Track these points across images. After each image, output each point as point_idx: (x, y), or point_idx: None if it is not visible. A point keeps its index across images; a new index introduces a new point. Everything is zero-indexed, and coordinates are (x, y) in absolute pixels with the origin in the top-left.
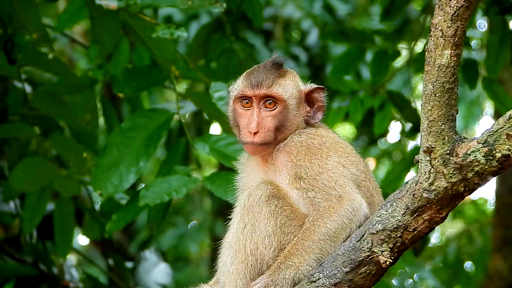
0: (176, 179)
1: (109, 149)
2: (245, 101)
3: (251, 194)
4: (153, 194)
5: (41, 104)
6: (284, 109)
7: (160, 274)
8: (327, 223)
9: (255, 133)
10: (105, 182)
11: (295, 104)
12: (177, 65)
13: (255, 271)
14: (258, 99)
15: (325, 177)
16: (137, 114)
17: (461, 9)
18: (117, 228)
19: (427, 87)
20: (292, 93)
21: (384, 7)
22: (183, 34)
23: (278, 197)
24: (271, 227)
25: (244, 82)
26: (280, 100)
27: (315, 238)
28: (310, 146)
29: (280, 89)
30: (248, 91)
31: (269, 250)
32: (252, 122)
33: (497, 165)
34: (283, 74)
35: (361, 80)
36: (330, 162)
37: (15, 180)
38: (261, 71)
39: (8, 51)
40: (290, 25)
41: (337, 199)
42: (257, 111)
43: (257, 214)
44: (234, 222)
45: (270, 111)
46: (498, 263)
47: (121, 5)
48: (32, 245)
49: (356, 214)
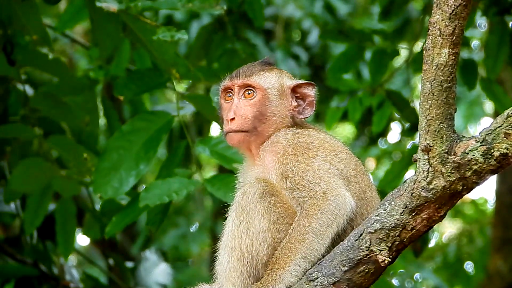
0: (177, 181)
1: (109, 153)
2: (228, 95)
3: (245, 192)
4: (153, 195)
5: (41, 105)
6: (263, 98)
7: (161, 274)
8: (312, 222)
9: (231, 120)
10: (105, 186)
11: (276, 95)
12: (177, 68)
13: (251, 268)
14: (238, 89)
15: (310, 175)
16: (137, 117)
17: (459, 8)
18: (117, 230)
19: (425, 86)
20: (272, 84)
21: (383, 7)
22: (184, 36)
23: (271, 194)
24: (265, 223)
25: (228, 76)
26: (259, 89)
27: (300, 238)
28: (297, 145)
29: (258, 78)
30: (228, 82)
31: (263, 246)
32: (230, 111)
33: (495, 163)
34: (267, 69)
35: (361, 79)
36: (316, 160)
37: (15, 181)
38: (246, 66)
39: (8, 52)
40: (290, 24)
41: (321, 195)
42: (237, 100)
43: (251, 211)
44: (229, 221)
45: (249, 100)
46: (498, 263)
47: (122, 7)
48: (32, 246)
49: (340, 209)
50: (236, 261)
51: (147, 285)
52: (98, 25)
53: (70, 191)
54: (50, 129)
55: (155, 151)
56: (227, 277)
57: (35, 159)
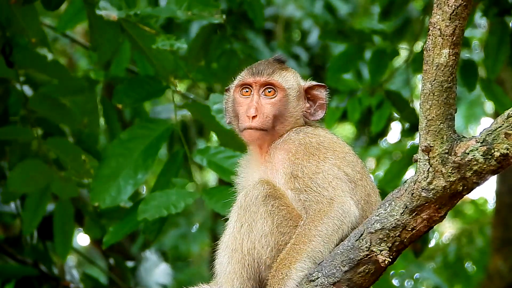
0: (175, 193)
1: (108, 160)
2: (245, 90)
3: (247, 194)
4: (152, 208)
5: (40, 107)
6: (284, 99)
7: (161, 274)
8: (318, 226)
9: (253, 117)
10: (104, 194)
11: (295, 96)
12: (176, 73)
13: (252, 270)
14: (258, 86)
15: (320, 178)
16: (136, 125)
17: (460, 8)
18: (115, 240)
19: (426, 86)
20: (292, 84)
21: (383, 7)
22: (183, 45)
23: (275, 196)
24: (268, 226)
25: (246, 72)
26: (280, 89)
27: (306, 240)
28: (308, 145)
29: (280, 78)
30: (249, 79)
31: (266, 249)
32: (251, 107)
33: (496, 164)
34: (284, 68)
35: (361, 79)
36: (327, 163)
37: (13, 183)
38: (263, 62)
39: (6, 54)
40: (291, 24)
41: (328, 201)
42: (257, 97)
43: (253, 214)
44: (231, 222)
45: (270, 99)
46: (498, 263)
47: (122, 15)
48: (32, 246)
49: (346, 216)
50: (237, 263)
51: (147, 285)
52: (97, 31)
53: (68, 194)
54: (50, 130)
55: (154, 159)
56: (227, 278)
57: (33, 161)
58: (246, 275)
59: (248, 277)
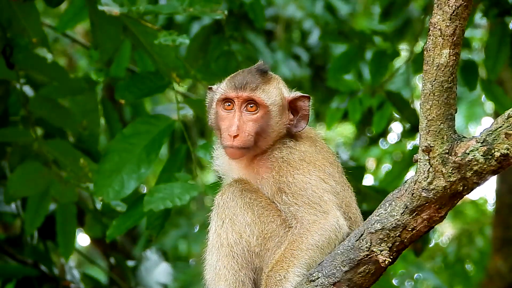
0: (179, 186)
1: (110, 155)
2: (227, 104)
3: (224, 193)
4: (157, 200)
5: (39, 108)
6: (266, 115)
7: (161, 274)
8: (314, 236)
9: (235, 136)
10: (107, 189)
11: (278, 111)
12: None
13: (243, 259)
14: (240, 101)
15: (310, 193)
16: (138, 121)
17: (460, 8)
18: (118, 234)
19: (426, 86)
20: (275, 100)
21: (383, 8)
22: (185, 41)
23: (251, 191)
24: (249, 217)
25: (228, 84)
26: (262, 106)
27: (303, 247)
28: (291, 161)
29: (263, 94)
30: (231, 93)
31: (252, 237)
32: (233, 125)
33: (496, 164)
34: (267, 80)
35: (362, 80)
36: (312, 177)
37: (13, 186)
38: (245, 74)
39: (7, 55)
40: (291, 25)
41: (322, 214)
42: (239, 114)
43: (233, 208)
44: (212, 223)
45: (252, 115)
46: (498, 263)
47: (123, 11)
48: (33, 246)
49: (340, 231)
50: (225, 257)
51: (148, 285)
52: (99, 27)
53: (67, 198)
54: (50, 130)
55: (157, 155)
56: (219, 275)
57: (33, 164)
58: (237, 265)
59: (239, 267)
